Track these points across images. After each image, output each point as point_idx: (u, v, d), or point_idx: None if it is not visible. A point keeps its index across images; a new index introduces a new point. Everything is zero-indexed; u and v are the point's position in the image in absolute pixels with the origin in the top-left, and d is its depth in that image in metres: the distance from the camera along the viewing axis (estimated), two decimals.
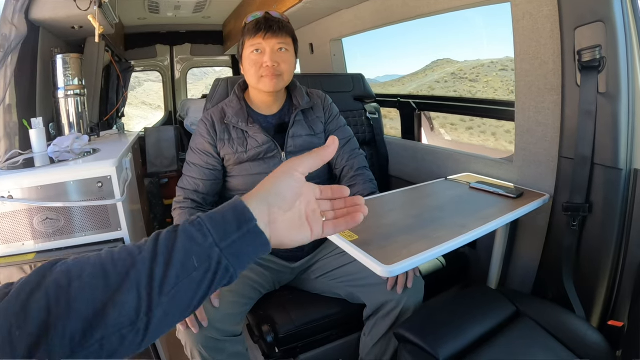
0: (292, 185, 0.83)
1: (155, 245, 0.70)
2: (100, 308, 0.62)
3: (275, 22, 1.98)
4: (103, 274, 0.65)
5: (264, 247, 0.77)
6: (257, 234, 0.75)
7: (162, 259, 0.68)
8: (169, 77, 7.19)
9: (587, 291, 1.85)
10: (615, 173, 1.72)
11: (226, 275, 0.72)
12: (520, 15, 2.01)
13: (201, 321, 1.64)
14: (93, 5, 2.70)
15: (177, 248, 0.69)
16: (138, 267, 0.66)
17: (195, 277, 0.68)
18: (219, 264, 0.70)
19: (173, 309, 0.68)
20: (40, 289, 0.61)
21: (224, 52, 7.09)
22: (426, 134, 3.75)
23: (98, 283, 0.63)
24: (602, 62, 1.67)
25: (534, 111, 2.07)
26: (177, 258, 0.68)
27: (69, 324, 0.59)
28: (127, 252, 0.69)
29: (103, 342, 0.61)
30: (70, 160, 2.30)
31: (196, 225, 0.72)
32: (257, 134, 2.05)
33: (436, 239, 1.51)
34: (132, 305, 0.64)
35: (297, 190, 0.84)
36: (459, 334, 1.56)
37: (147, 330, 0.65)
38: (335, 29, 4.01)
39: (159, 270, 0.67)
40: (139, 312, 0.64)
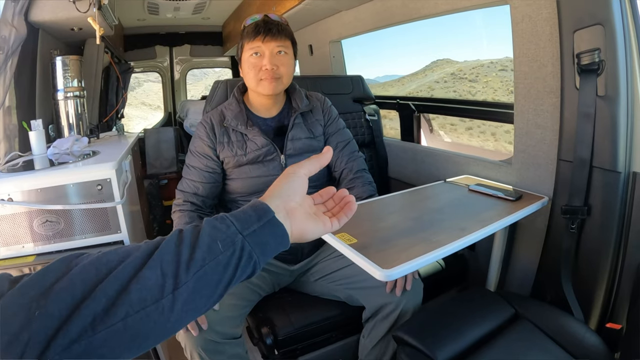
0: (298, 182, 0.89)
1: (180, 232, 0.73)
2: (124, 286, 0.63)
3: (274, 25, 1.99)
4: (129, 257, 0.66)
5: (283, 238, 0.80)
6: (277, 225, 0.79)
7: (188, 242, 0.70)
8: (168, 78, 7.19)
9: (586, 294, 1.85)
10: (614, 176, 1.72)
11: (250, 262, 0.74)
12: (519, 18, 2.02)
13: (201, 324, 1.64)
14: (92, 7, 2.70)
15: (203, 234, 0.72)
16: (163, 248, 0.69)
17: (222, 259, 0.70)
18: (243, 249, 0.73)
19: (199, 291, 0.69)
20: (65, 276, 0.62)
21: (223, 53, 7.10)
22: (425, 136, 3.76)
23: (123, 266, 0.64)
24: (600, 65, 1.67)
25: (533, 114, 2.07)
26: (203, 241, 0.70)
27: (92, 304, 0.60)
28: (152, 242, 0.71)
29: (127, 320, 0.62)
30: (70, 162, 2.30)
31: (219, 219, 0.76)
32: (256, 137, 2.05)
33: (435, 242, 1.51)
34: (156, 281, 0.65)
35: (304, 186, 0.91)
36: (458, 337, 1.57)
37: (172, 311, 0.66)
38: (334, 30, 4.01)
39: (186, 251, 0.69)
40: (163, 289, 0.65)
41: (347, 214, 0.94)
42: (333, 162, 2.25)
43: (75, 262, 0.65)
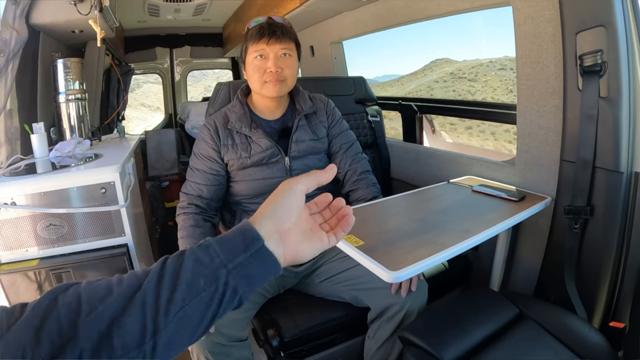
0: (294, 198, 0.83)
1: (162, 268, 0.71)
2: (107, 330, 0.62)
3: (279, 28, 1.99)
4: (110, 296, 0.65)
5: (273, 268, 0.77)
6: (266, 255, 0.76)
7: (169, 280, 0.68)
8: (168, 80, 7.20)
9: (589, 293, 1.86)
10: (617, 176, 1.73)
11: (234, 296, 0.72)
12: (522, 20, 2.02)
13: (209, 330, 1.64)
14: (94, 9, 2.71)
15: (184, 270, 0.69)
16: (144, 289, 0.67)
17: (204, 298, 0.69)
18: (227, 284, 0.71)
19: (180, 332, 0.68)
20: (52, 314, 0.62)
21: (223, 55, 7.11)
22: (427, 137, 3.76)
23: (105, 306, 0.64)
24: (603, 66, 1.68)
25: (536, 115, 2.08)
26: (184, 279, 0.69)
27: (78, 345, 0.60)
28: (135, 276, 0.69)
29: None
30: (72, 165, 2.30)
31: (203, 248, 0.73)
32: (260, 139, 2.06)
33: (441, 244, 1.52)
34: (137, 327, 0.64)
35: (300, 203, 0.84)
36: (463, 337, 1.57)
37: (154, 353, 0.65)
38: (336, 31, 4.01)
39: (165, 292, 0.67)
40: (144, 334, 0.64)
41: (344, 229, 0.88)
42: (337, 164, 2.25)
43: (62, 296, 0.65)
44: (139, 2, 4.93)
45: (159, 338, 0.65)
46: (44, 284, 2.12)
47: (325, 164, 2.15)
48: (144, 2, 4.94)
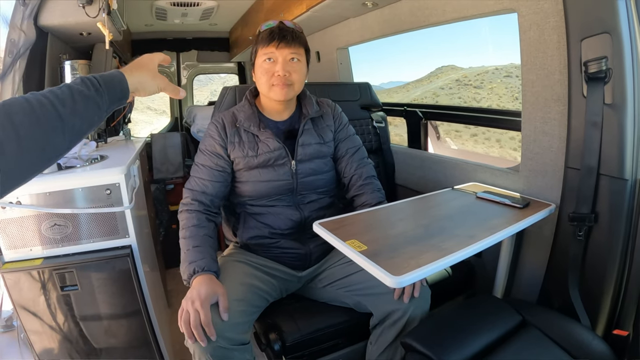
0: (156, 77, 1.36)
1: (71, 90, 1.08)
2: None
3: (289, 32, 2.00)
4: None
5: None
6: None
7: (70, 103, 1.05)
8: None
9: (593, 300, 1.85)
10: (621, 183, 1.72)
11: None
12: (527, 26, 2.03)
13: (210, 336, 1.64)
14: (102, 12, 2.72)
15: (80, 98, 1.09)
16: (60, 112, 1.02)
17: (89, 113, 1.11)
18: (100, 114, 1.15)
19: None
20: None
21: (230, 59, 7.14)
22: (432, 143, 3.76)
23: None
24: (608, 73, 1.68)
25: (541, 121, 2.08)
26: (78, 106, 1.07)
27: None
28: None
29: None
30: (78, 166, 2.30)
31: (96, 87, 1.14)
32: (269, 139, 2.07)
33: (444, 250, 1.52)
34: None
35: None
36: (465, 343, 1.57)
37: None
38: (342, 37, 4.02)
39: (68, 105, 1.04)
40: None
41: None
42: (343, 168, 2.26)
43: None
44: (146, 5, 4.96)
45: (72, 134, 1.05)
46: (47, 284, 2.12)
47: (331, 169, 2.17)
48: (151, 5, 4.97)
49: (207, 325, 1.62)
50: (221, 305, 1.69)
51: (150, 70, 1.33)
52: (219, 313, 1.69)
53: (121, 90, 1.23)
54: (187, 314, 1.65)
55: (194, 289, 1.70)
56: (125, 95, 1.25)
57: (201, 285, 1.70)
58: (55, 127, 0.99)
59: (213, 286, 1.72)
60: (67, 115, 1.02)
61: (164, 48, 6.70)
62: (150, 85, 1.32)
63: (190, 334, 1.64)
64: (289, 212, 2.11)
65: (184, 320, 1.65)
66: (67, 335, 2.21)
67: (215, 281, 1.78)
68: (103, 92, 1.14)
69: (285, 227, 2.10)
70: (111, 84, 1.18)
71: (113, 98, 1.19)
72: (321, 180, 2.18)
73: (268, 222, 2.11)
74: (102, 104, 1.14)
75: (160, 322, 2.45)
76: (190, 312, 1.64)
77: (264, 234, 2.11)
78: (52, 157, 1.03)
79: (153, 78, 1.33)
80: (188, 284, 1.81)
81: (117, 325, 2.30)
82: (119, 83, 1.22)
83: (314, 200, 2.17)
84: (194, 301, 1.64)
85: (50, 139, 0.99)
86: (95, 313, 2.23)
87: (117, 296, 2.25)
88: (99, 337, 2.27)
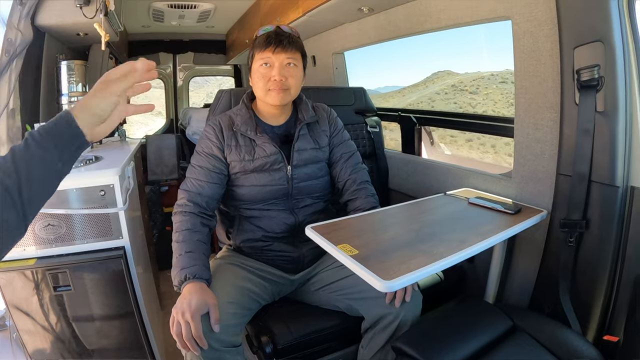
0: (112, 99, 1.13)
1: (14, 162, 0.99)
2: None
3: (286, 37, 2.01)
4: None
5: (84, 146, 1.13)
6: (85, 143, 1.12)
7: (24, 176, 0.99)
8: (171, 85, 7.24)
9: (584, 306, 1.87)
10: (612, 190, 1.74)
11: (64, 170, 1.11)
12: (520, 34, 2.04)
13: (202, 346, 1.64)
14: (99, 13, 2.72)
15: (33, 166, 1.01)
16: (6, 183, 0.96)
17: (48, 178, 1.06)
18: (61, 170, 1.10)
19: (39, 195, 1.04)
20: None
21: (226, 62, 7.14)
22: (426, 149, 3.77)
23: None
24: (600, 81, 1.70)
25: (533, 128, 2.09)
26: (34, 175, 1.01)
27: None
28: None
29: None
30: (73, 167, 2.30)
31: (40, 146, 1.03)
32: (265, 144, 2.07)
33: (435, 255, 1.52)
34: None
35: (116, 101, 1.15)
36: (456, 348, 1.57)
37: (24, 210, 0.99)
38: (337, 42, 4.03)
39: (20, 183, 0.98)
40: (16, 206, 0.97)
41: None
42: (337, 173, 2.26)
43: None
44: (143, 7, 4.96)
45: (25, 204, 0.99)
46: (40, 284, 2.12)
47: (326, 174, 2.18)
48: (148, 7, 4.97)
49: (199, 337, 1.62)
50: (212, 317, 1.67)
51: (103, 98, 1.11)
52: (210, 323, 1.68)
53: (70, 133, 1.05)
54: (179, 326, 1.64)
55: (185, 299, 1.68)
56: (78, 138, 1.07)
57: (192, 295, 1.69)
58: (4, 202, 0.93)
59: (204, 296, 1.71)
60: (13, 186, 0.95)
61: (161, 50, 6.75)
62: (104, 113, 1.11)
63: (183, 345, 1.64)
64: (283, 215, 2.11)
65: (176, 332, 1.65)
66: (60, 336, 2.21)
67: (207, 290, 1.76)
68: (47, 145, 1.01)
69: (279, 230, 2.10)
70: (57, 134, 1.03)
71: (62, 147, 1.04)
72: (316, 185, 2.18)
73: (262, 226, 2.11)
74: (51, 159, 1.03)
75: (152, 324, 2.46)
76: (182, 324, 1.63)
77: (257, 237, 2.11)
78: (5, 238, 0.94)
79: (105, 104, 1.11)
80: (179, 290, 1.79)
81: (110, 327, 2.30)
82: (66, 126, 1.05)
83: (308, 204, 2.17)
84: (185, 312, 1.63)
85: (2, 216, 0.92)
86: (88, 314, 2.23)
87: (110, 297, 2.25)
88: (92, 337, 2.27)
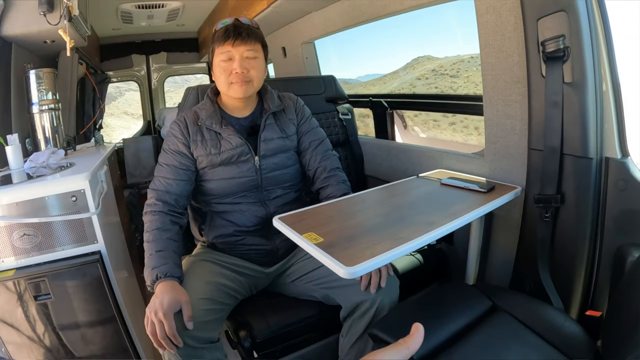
0: None
1: None
2: None
3: (245, 29, 1.99)
4: None
5: None
6: None
7: None
8: (146, 87, 7.22)
9: (565, 282, 1.86)
10: (586, 162, 1.73)
11: None
12: (483, 10, 2.03)
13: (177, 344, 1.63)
14: (63, 19, 2.69)
15: None
16: None
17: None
18: None
19: None
20: None
21: (199, 59, 7.13)
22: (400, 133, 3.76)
23: None
24: (566, 51, 1.69)
25: (502, 104, 2.08)
26: None
27: None
28: None
29: None
30: (47, 175, 2.28)
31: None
32: (231, 136, 2.05)
33: (401, 238, 1.51)
34: None
35: None
36: (433, 332, 1.56)
37: None
38: (306, 31, 4.04)
39: None
40: None
41: None
42: (307, 161, 2.25)
43: None
44: (111, 9, 4.94)
45: None
46: (24, 294, 2.10)
47: (295, 162, 2.17)
48: (116, 9, 4.95)
49: (173, 335, 1.61)
50: (185, 315, 1.67)
51: None
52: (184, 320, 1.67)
53: None
54: (153, 325, 1.63)
55: (157, 298, 1.67)
56: None
57: (164, 294, 1.68)
58: None
59: (176, 294, 1.70)
60: None
61: (133, 52, 6.70)
62: None
63: (159, 344, 1.64)
64: (254, 208, 2.10)
65: (150, 332, 1.64)
66: (47, 345, 2.19)
67: (179, 288, 1.75)
68: None
69: (250, 224, 2.09)
70: None
71: None
72: (286, 174, 2.17)
73: (233, 220, 2.09)
74: None
75: (137, 327, 2.43)
76: (155, 323, 1.62)
77: (229, 232, 2.10)
78: None
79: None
80: (152, 289, 1.78)
81: (94, 332, 2.28)
82: None
83: (279, 195, 2.16)
84: (157, 311, 1.62)
85: None
86: (71, 321, 2.21)
87: (91, 303, 2.23)
88: (78, 344, 2.25)
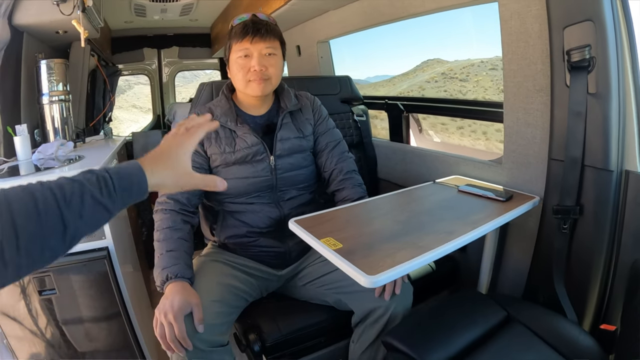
0: (186, 158, 1.14)
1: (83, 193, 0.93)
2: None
3: (263, 25, 1.96)
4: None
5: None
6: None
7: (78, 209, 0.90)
8: (156, 81, 7.23)
9: (579, 295, 1.83)
10: (606, 175, 1.70)
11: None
12: (508, 15, 1.99)
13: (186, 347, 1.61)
14: (76, 9, 2.67)
15: (87, 206, 0.92)
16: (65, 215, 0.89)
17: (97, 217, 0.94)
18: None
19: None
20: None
21: (211, 55, 7.13)
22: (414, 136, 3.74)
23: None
24: (591, 62, 1.65)
25: (523, 112, 2.05)
26: (85, 213, 0.91)
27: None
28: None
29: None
30: (55, 167, 2.26)
31: (105, 190, 0.96)
32: (246, 135, 2.02)
33: (422, 247, 1.48)
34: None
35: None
36: (448, 341, 1.54)
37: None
38: (322, 30, 4.01)
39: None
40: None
41: None
42: (323, 162, 2.22)
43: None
44: (124, 2, 4.92)
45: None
46: (27, 288, 2.08)
47: (311, 163, 2.14)
48: (130, 2, 4.93)
49: (182, 338, 1.60)
50: (196, 317, 1.65)
51: (174, 168, 1.11)
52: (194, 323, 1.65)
53: (138, 192, 1.04)
54: (162, 327, 1.62)
55: (167, 299, 1.66)
56: (142, 197, 1.06)
57: (174, 295, 1.66)
58: (57, 231, 0.88)
59: (186, 296, 1.68)
60: (72, 219, 0.90)
61: (145, 45, 6.72)
62: (173, 187, 1.13)
63: (168, 346, 1.62)
64: (268, 209, 2.07)
65: (159, 334, 1.63)
66: (49, 340, 2.18)
67: (189, 290, 1.73)
68: (116, 198, 0.98)
69: (263, 225, 2.06)
70: (128, 188, 1.01)
71: (126, 201, 1.02)
72: (301, 175, 2.14)
73: (246, 220, 2.06)
74: (113, 208, 0.98)
75: (142, 323, 2.41)
76: (165, 325, 1.61)
77: (242, 232, 2.07)
78: (48, 260, 0.90)
79: (176, 179, 1.12)
80: (161, 290, 1.77)
81: (98, 328, 2.26)
82: (137, 185, 1.03)
83: (294, 196, 2.13)
84: (167, 313, 1.61)
85: (50, 243, 0.88)
86: (76, 317, 2.20)
87: (97, 299, 2.21)
88: (81, 340, 2.23)
